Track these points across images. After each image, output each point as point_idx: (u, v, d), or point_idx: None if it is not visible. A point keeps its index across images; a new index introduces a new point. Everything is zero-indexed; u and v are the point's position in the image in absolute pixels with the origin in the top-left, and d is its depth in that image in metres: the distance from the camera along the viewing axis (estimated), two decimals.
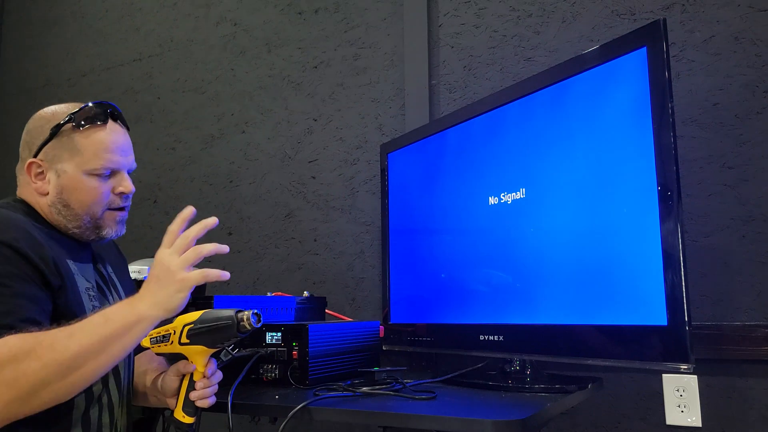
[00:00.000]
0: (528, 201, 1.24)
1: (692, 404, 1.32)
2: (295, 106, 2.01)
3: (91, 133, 1.04)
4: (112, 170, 1.07)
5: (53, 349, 0.84)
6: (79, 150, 1.04)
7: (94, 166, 1.04)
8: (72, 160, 1.04)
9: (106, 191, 1.07)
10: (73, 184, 1.04)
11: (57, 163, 1.05)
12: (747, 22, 1.37)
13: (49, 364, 0.83)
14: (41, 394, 0.84)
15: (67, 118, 1.04)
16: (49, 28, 2.67)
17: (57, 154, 1.04)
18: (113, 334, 0.89)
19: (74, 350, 0.85)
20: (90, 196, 1.05)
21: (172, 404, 1.07)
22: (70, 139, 1.04)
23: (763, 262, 1.31)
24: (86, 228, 1.07)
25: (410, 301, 1.54)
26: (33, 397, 0.84)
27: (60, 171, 1.04)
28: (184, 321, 1.03)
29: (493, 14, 1.69)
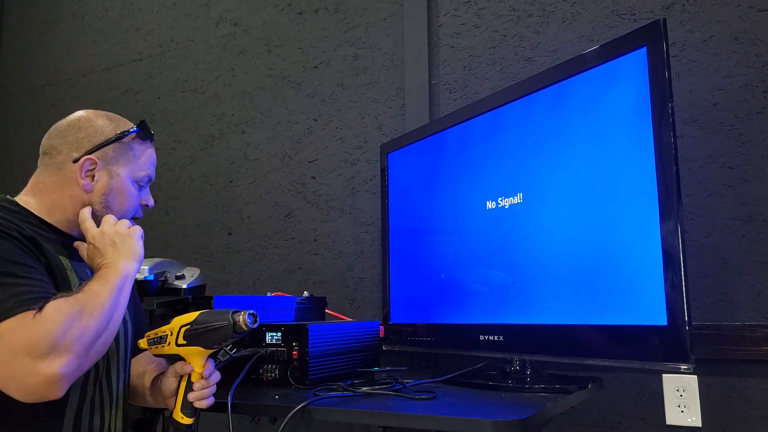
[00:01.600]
0: (526, 205, 1.24)
1: (692, 404, 1.32)
2: (295, 106, 2.01)
3: (146, 147, 1.16)
4: (146, 182, 1.17)
5: (95, 305, 0.92)
6: (135, 158, 1.14)
7: (141, 174, 1.14)
8: (127, 165, 1.12)
9: (138, 201, 1.16)
10: (122, 188, 1.12)
11: (113, 164, 1.11)
12: (747, 22, 1.37)
13: (98, 316, 0.91)
14: (97, 345, 0.92)
15: (135, 128, 1.14)
16: (49, 28, 2.67)
17: (115, 156, 1.11)
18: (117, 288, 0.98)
19: (108, 304, 0.94)
20: (130, 201, 1.14)
21: (171, 405, 1.07)
22: (130, 147, 1.13)
23: (763, 262, 1.31)
24: None
25: (410, 301, 1.54)
26: (94, 349, 0.91)
27: (114, 173, 1.11)
28: (181, 322, 1.03)
29: (493, 14, 1.69)
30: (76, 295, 0.92)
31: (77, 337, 0.87)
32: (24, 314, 0.84)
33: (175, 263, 1.64)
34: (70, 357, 0.85)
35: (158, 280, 1.53)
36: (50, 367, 0.83)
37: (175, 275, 1.58)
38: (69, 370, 0.86)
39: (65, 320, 0.86)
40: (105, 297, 0.94)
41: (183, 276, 1.58)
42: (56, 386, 0.85)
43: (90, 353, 0.90)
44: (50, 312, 0.86)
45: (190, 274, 1.59)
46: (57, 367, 0.84)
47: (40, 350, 0.83)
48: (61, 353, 0.85)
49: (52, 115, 1.21)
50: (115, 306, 0.96)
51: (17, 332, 0.83)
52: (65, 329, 0.85)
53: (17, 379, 0.83)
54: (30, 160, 1.12)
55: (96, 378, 1.05)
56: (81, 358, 0.88)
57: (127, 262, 1.03)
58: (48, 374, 0.83)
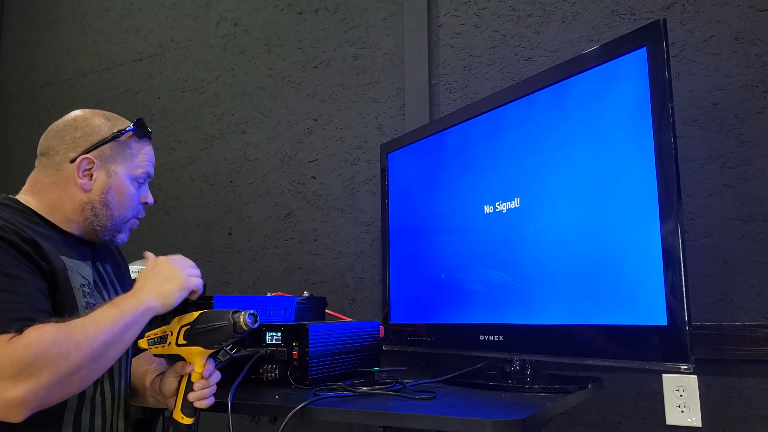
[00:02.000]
0: (524, 209, 1.24)
1: (692, 404, 1.32)
2: (295, 106, 2.01)
3: (144, 145, 1.16)
4: (145, 179, 1.17)
5: (87, 336, 0.90)
6: (132, 156, 1.13)
7: (139, 172, 1.14)
8: (125, 164, 1.12)
9: (138, 199, 1.16)
10: (119, 186, 1.11)
11: (111, 163, 1.10)
12: (747, 22, 1.37)
13: (85, 349, 0.89)
14: (75, 379, 0.89)
15: (131, 127, 1.13)
16: (49, 28, 2.67)
17: (113, 155, 1.11)
18: (128, 322, 0.96)
19: (102, 338, 0.91)
20: (128, 200, 1.13)
21: (171, 405, 1.07)
22: (128, 145, 1.13)
23: (763, 262, 1.31)
24: (109, 230, 1.12)
25: (410, 301, 1.54)
26: (69, 381, 0.88)
27: (111, 171, 1.10)
28: (181, 322, 1.03)
29: (493, 14, 1.69)
30: (70, 322, 0.90)
31: (49, 366, 0.85)
32: (1, 336, 0.85)
33: None
34: (35, 385, 0.84)
35: None
36: (12, 392, 0.83)
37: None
38: (31, 398, 0.84)
39: (42, 347, 0.84)
40: (104, 330, 0.92)
41: None
42: (15, 410, 0.84)
43: (64, 385, 0.88)
44: (28, 337, 0.85)
45: None
46: (19, 393, 0.83)
47: (6, 374, 0.83)
48: (27, 380, 0.83)
49: (52, 115, 1.20)
50: (114, 341, 0.93)
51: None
52: (38, 356, 0.84)
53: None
54: (30, 160, 1.12)
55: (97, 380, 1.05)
56: (49, 389, 0.86)
57: (155, 299, 1.00)
58: (8, 398, 0.83)
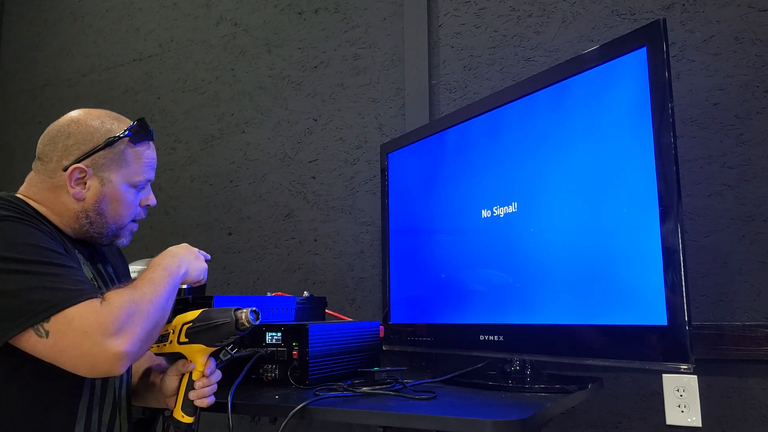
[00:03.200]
0: (521, 213, 1.24)
1: (692, 404, 1.32)
2: (295, 106, 2.01)
3: (141, 149, 1.12)
4: (145, 184, 1.15)
5: (154, 296, 0.99)
6: (129, 163, 1.10)
7: (137, 179, 1.11)
8: (120, 171, 1.09)
9: (137, 203, 1.14)
10: (116, 195, 1.09)
11: (104, 171, 1.08)
12: (747, 22, 1.37)
13: (156, 304, 0.99)
14: (154, 332, 0.99)
15: (126, 132, 1.09)
16: (49, 28, 2.67)
17: (106, 163, 1.08)
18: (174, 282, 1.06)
19: (164, 295, 1.01)
20: (126, 207, 1.12)
21: (172, 404, 1.07)
22: (122, 151, 1.09)
23: (763, 262, 1.31)
24: (106, 235, 1.12)
25: (410, 301, 1.54)
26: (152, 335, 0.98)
27: (105, 180, 1.08)
28: (183, 320, 1.03)
29: (493, 14, 1.69)
30: (135, 286, 0.99)
31: (140, 321, 0.94)
32: (92, 301, 0.92)
33: None
34: (134, 338, 0.93)
35: None
36: (118, 346, 0.90)
37: None
38: (132, 350, 0.92)
39: (130, 307, 0.94)
40: (161, 288, 1.01)
41: None
42: (121, 362, 0.92)
43: (148, 338, 0.97)
44: (115, 299, 0.94)
45: None
46: (123, 346, 0.91)
47: (111, 330, 0.90)
48: (127, 334, 0.92)
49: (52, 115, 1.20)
50: (169, 297, 1.02)
51: (88, 315, 0.90)
52: (129, 315, 0.93)
53: (88, 355, 0.90)
54: (30, 161, 1.12)
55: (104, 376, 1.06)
56: (142, 341, 0.95)
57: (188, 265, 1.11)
58: (116, 352, 0.90)
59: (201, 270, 1.15)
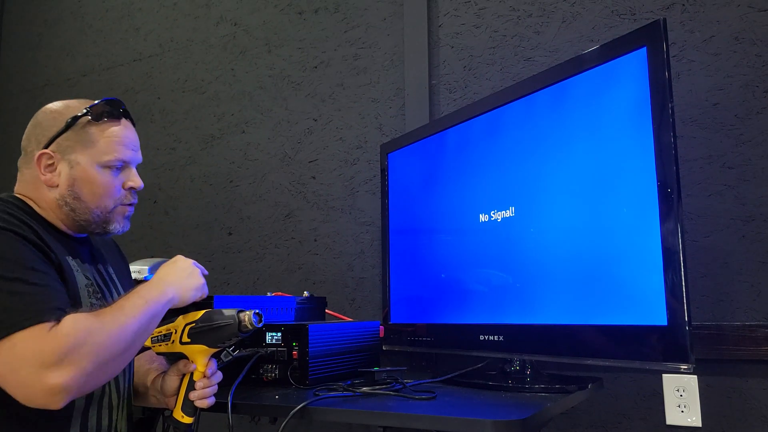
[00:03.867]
0: (523, 213, 1.24)
1: (692, 404, 1.32)
2: (295, 106, 2.01)
3: (106, 127, 1.06)
4: (123, 164, 1.08)
5: (119, 326, 0.92)
6: (94, 142, 1.05)
7: (107, 158, 1.05)
8: (86, 152, 1.05)
9: (118, 186, 1.08)
10: (86, 176, 1.05)
11: (70, 154, 1.04)
12: (747, 22, 1.37)
13: (119, 338, 0.91)
14: (110, 366, 0.92)
15: (84, 111, 1.05)
16: (49, 28, 2.67)
17: (71, 145, 1.04)
18: (153, 312, 0.98)
19: (133, 327, 0.94)
20: (102, 188, 1.06)
21: (172, 404, 1.07)
22: (85, 131, 1.05)
23: (763, 262, 1.31)
24: (94, 222, 1.08)
25: (410, 301, 1.54)
26: (105, 369, 0.91)
27: (73, 162, 1.04)
28: (186, 320, 1.04)
29: (493, 14, 1.69)
30: (100, 311, 0.93)
31: (88, 354, 0.87)
32: (39, 326, 0.86)
33: None
34: (76, 373, 0.86)
35: None
36: (54, 379, 0.84)
37: None
38: (73, 385, 0.86)
39: (80, 336, 0.87)
40: (132, 319, 0.94)
41: None
42: (57, 397, 0.86)
43: (99, 373, 0.90)
44: (66, 326, 0.87)
45: None
46: (61, 380, 0.85)
47: (49, 362, 0.84)
48: (68, 368, 0.85)
49: None
50: (141, 330, 0.95)
51: (29, 343, 0.85)
52: (77, 345, 0.86)
53: (23, 386, 0.85)
54: None
55: None
56: (88, 376, 0.88)
57: (177, 291, 1.03)
58: (51, 385, 0.84)
59: (195, 288, 1.08)
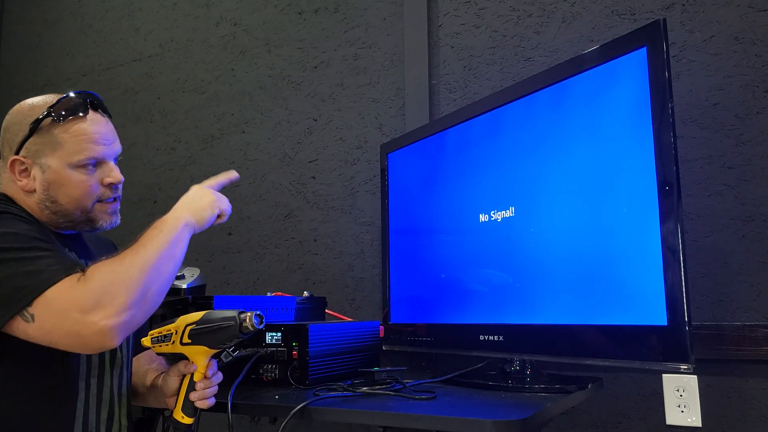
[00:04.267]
0: (523, 213, 1.24)
1: (692, 404, 1.32)
2: (295, 106, 2.01)
3: (71, 126, 1.03)
4: (97, 161, 1.05)
5: (141, 259, 0.94)
6: (61, 144, 1.02)
7: (78, 158, 1.02)
8: (55, 154, 1.02)
9: (95, 184, 1.06)
10: (59, 179, 1.02)
11: (40, 158, 1.02)
12: (747, 22, 1.37)
13: (143, 267, 0.93)
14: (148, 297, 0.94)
15: (45, 112, 1.02)
16: (49, 28, 2.67)
17: (39, 149, 1.02)
18: (173, 239, 1.00)
19: (157, 255, 0.96)
20: (78, 190, 1.04)
21: (172, 404, 1.07)
22: (50, 133, 1.02)
23: (763, 262, 1.31)
24: (78, 221, 1.07)
25: (410, 301, 1.54)
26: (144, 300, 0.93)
27: (44, 166, 1.02)
28: (186, 321, 1.04)
29: (493, 14, 1.69)
30: (121, 254, 0.95)
31: (121, 292, 0.90)
32: (68, 278, 0.89)
33: None
34: (117, 309, 0.89)
35: None
36: (100, 320, 0.87)
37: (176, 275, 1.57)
38: (120, 320, 0.89)
39: (107, 277, 0.90)
40: (153, 249, 0.96)
41: (183, 276, 1.58)
42: (109, 335, 0.89)
43: (142, 304, 0.92)
44: (92, 272, 0.91)
45: (190, 274, 1.59)
46: (105, 320, 0.88)
47: (87, 306, 0.87)
48: (107, 307, 0.88)
49: None
50: (165, 256, 0.97)
51: (64, 295, 0.88)
52: (108, 285, 0.89)
53: (73, 335, 0.88)
54: None
55: (100, 374, 1.06)
56: (131, 309, 0.90)
57: (191, 216, 1.05)
58: (99, 326, 0.88)
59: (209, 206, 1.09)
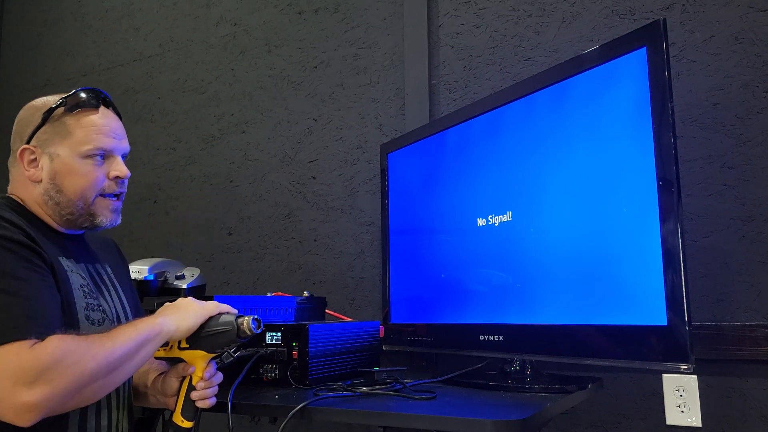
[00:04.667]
0: (521, 217, 1.24)
1: (692, 404, 1.32)
2: (295, 106, 2.01)
3: (83, 116, 1.05)
4: (105, 152, 1.06)
5: (104, 349, 0.90)
6: (72, 133, 1.04)
7: (87, 147, 1.04)
8: (64, 143, 1.04)
9: (101, 176, 1.06)
10: (67, 168, 1.04)
11: (50, 146, 1.04)
12: (747, 22, 1.37)
13: (101, 361, 0.89)
14: (88, 390, 0.90)
15: (59, 102, 1.05)
16: (49, 28, 2.67)
17: (49, 138, 1.04)
18: (143, 340, 0.96)
19: (118, 352, 0.92)
20: (84, 179, 1.04)
21: (172, 404, 1.07)
22: (62, 122, 1.04)
23: (763, 262, 1.31)
24: (79, 215, 1.07)
25: (410, 301, 1.54)
26: (82, 391, 0.89)
27: (53, 155, 1.04)
28: None
29: (493, 14, 1.69)
30: (89, 336, 0.92)
31: (66, 375, 0.86)
32: (21, 342, 0.85)
33: (175, 263, 1.63)
34: (50, 393, 0.85)
35: (158, 280, 1.53)
36: (27, 397, 0.83)
37: (175, 275, 1.58)
38: (44, 404, 0.85)
39: (60, 356, 0.85)
40: (121, 345, 0.92)
41: (183, 276, 1.58)
42: (27, 415, 0.84)
43: (78, 395, 0.89)
44: (49, 345, 0.86)
45: (190, 274, 1.60)
46: (33, 398, 0.83)
47: (24, 379, 0.83)
48: (43, 387, 0.84)
49: None
50: (129, 357, 0.94)
51: (9, 358, 0.84)
52: (56, 364, 0.85)
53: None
54: None
55: None
56: (63, 397, 0.86)
57: (169, 319, 1.00)
58: (22, 402, 0.83)
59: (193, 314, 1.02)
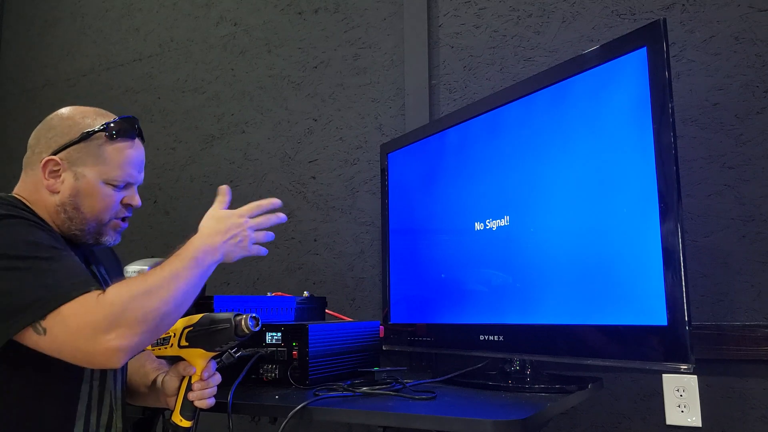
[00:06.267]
0: (518, 221, 1.24)
1: (692, 404, 1.32)
2: (295, 106, 2.01)
3: (120, 147, 1.08)
4: (126, 183, 1.10)
5: (160, 286, 0.95)
6: (105, 160, 1.07)
7: (114, 177, 1.07)
8: (95, 167, 1.06)
9: (117, 202, 1.10)
10: (89, 191, 1.06)
11: (78, 166, 1.05)
12: (747, 22, 1.37)
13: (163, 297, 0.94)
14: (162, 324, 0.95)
15: (102, 126, 1.06)
16: (49, 28, 2.67)
17: (81, 158, 1.05)
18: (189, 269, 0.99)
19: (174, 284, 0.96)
20: (102, 204, 1.07)
21: (172, 404, 1.07)
22: (99, 147, 1.06)
23: (763, 262, 1.31)
24: (88, 233, 1.09)
25: (410, 301, 1.54)
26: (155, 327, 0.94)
27: (79, 174, 1.05)
28: (184, 323, 1.04)
29: (493, 14, 1.69)
30: (143, 275, 0.96)
31: (136, 316, 0.91)
32: (87, 295, 0.91)
33: None
34: (129, 333, 0.90)
35: None
36: (110, 342, 0.89)
37: None
38: (129, 344, 0.91)
39: (125, 301, 0.91)
40: (173, 275, 0.96)
41: None
42: (116, 357, 0.90)
43: (151, 330, 0.93)
44: (112, 293, 0.92)
45: None
46: (116, 342, 0.89)
47: (102, 327, 0.89)
48: (120, 330, 0.89)
49: None
50: (185, 283, 0.97)
51: (80, 313, 0.89)
52: (124, 309, 0.90)
53: (83, 352, 0.90)
54: None
55: (102, 377, 1.07)
56: (140, 335, 0.92)
57: (211, 238, 1.06)
58: (108, 347, 0.89)
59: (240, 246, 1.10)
